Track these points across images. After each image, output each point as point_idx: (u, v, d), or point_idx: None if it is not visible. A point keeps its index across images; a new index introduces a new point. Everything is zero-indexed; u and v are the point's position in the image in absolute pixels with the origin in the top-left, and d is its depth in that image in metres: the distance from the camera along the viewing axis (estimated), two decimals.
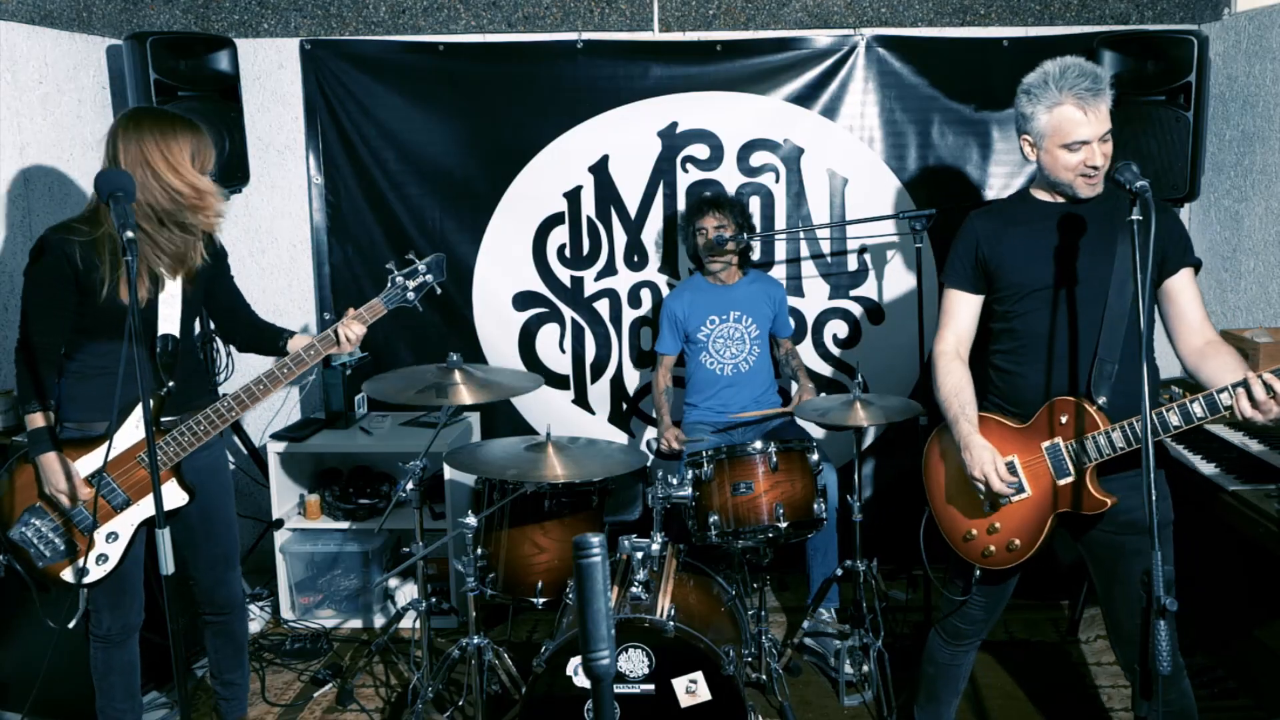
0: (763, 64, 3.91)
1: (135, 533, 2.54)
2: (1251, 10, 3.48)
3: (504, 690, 3.08)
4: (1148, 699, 1.86)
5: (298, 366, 2.56)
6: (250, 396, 2.53)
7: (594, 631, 1.35)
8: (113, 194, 2.17)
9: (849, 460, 3.99)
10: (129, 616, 2.65)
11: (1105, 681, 3.26)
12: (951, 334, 2.42)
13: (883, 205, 3.88)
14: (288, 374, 2.55)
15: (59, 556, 2.50)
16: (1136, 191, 1.94)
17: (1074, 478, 2.21)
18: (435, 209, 4.07)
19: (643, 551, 2.74)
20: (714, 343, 3.66)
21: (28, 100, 3.37)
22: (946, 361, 2.39)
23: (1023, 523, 2.30)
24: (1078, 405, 2.19)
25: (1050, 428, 2.25)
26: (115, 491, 2.51)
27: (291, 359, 2.56)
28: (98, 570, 2.51)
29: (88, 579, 2.51)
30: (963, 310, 2.41)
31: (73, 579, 2.51)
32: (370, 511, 3.85)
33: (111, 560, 2.51)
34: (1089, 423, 2.18)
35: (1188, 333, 2.20)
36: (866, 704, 3.17)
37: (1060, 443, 2.23)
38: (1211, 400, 2.02)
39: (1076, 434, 2.19)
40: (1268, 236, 3.40)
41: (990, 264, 2.34)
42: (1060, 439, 2.23)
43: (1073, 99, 2.14)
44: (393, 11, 4.05)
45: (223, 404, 2.52)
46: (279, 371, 2.54)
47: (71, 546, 2.51)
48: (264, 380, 2.53)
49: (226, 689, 2.92)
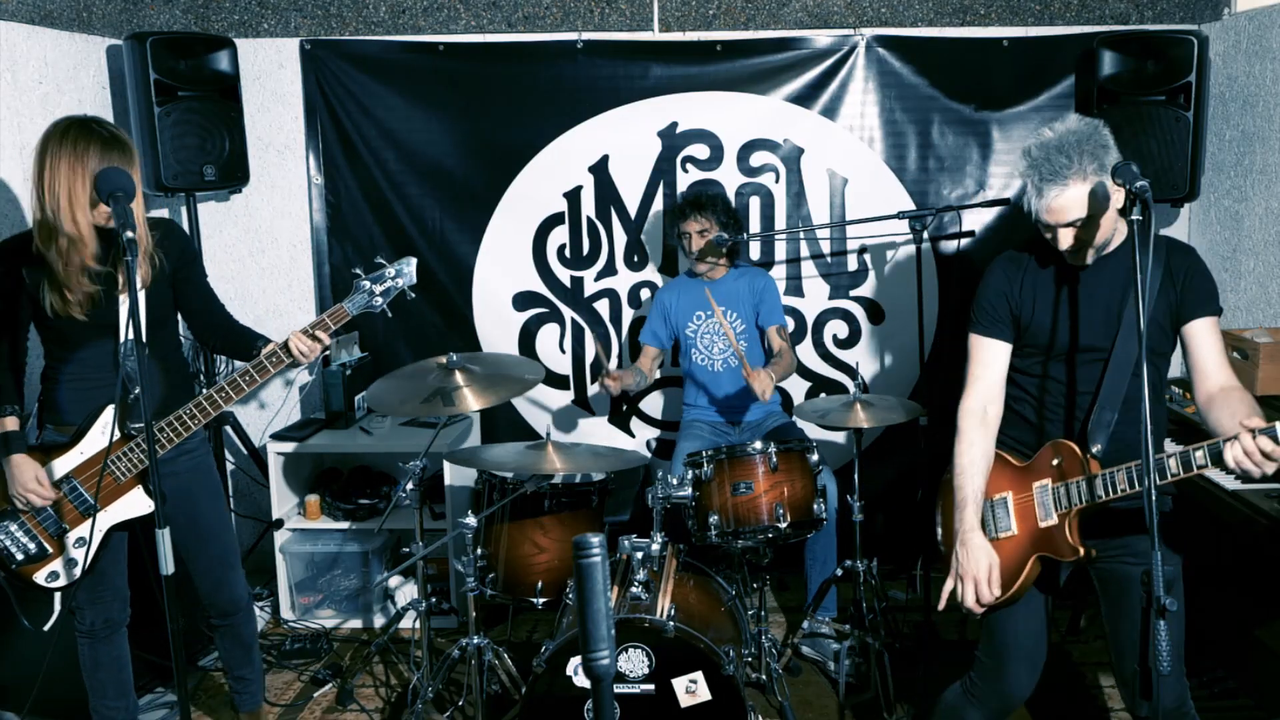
0: (763, 64, 3.91)
1: (106, 538, 2.54)
2: (1251, 10, 3.48)
3: (504, 690, 3.08)
4: (1148, 699, 1.85)
5: (260, 374, 2.52)
6: (212, 404, 2.51)
7: (594, 631, 1.35)
8: (112, 194, 2.17)
9: (849, 460, 3.99)
10: (111, 611, 2.66)
11: (1105, 681, 3.26)
12: (981, 391, 2.32)
13: (883, 205, 3.88)
14: (249, 382, 2.52)
15: (31, 560, 2.51)
16: (1136, 191, 1.94)
17: (1055, 522, 2.19)
18: (435, 209, 4.07)
19: (643, 551, 2.74)
20: (701, 339, 3.66)
21: (28, 100, 3.37)
22: (971, 427, 2.30)
23: (1006, 564, 2.27)
24: (1071, 450, 2.19)
25: (1044, 469, 2.24)
26: (82, 497, 2.51)
27: (254, 366, 2.52)
28: (66, 575, 2.53)
29: (57, 583, 2.53)
30: (995, 361, 2.32)
31: (44, 583, 2.52)
32: (370, 511, 3.85)
33: (78, 566, 2.52)
34: (1078, 469, 2.16)
35: (1201, 379, 2.17)
36: (866, 704, 3.17)
37: (1049, 484, 2.21)
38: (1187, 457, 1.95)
39: (1065, 479, 2.18)
40: (1268, 236, 3.40)
41: (1020, 317, 2.30)
42: (1050, 480, 2.21)
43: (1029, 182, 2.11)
44: (393, 11, 4.05)
45: (185, 411, 2.51)
46: (241, 380, 2.51)
47: (42, 550, 2.52)
48: (226, 389, 2.51)
49: (239, 683, 2.96)
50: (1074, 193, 2.07)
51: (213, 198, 4.12)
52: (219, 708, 3.26)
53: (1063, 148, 2.07)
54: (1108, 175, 2.06)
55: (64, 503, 2.51)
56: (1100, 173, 2.07)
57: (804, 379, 4.13)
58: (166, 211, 4.11)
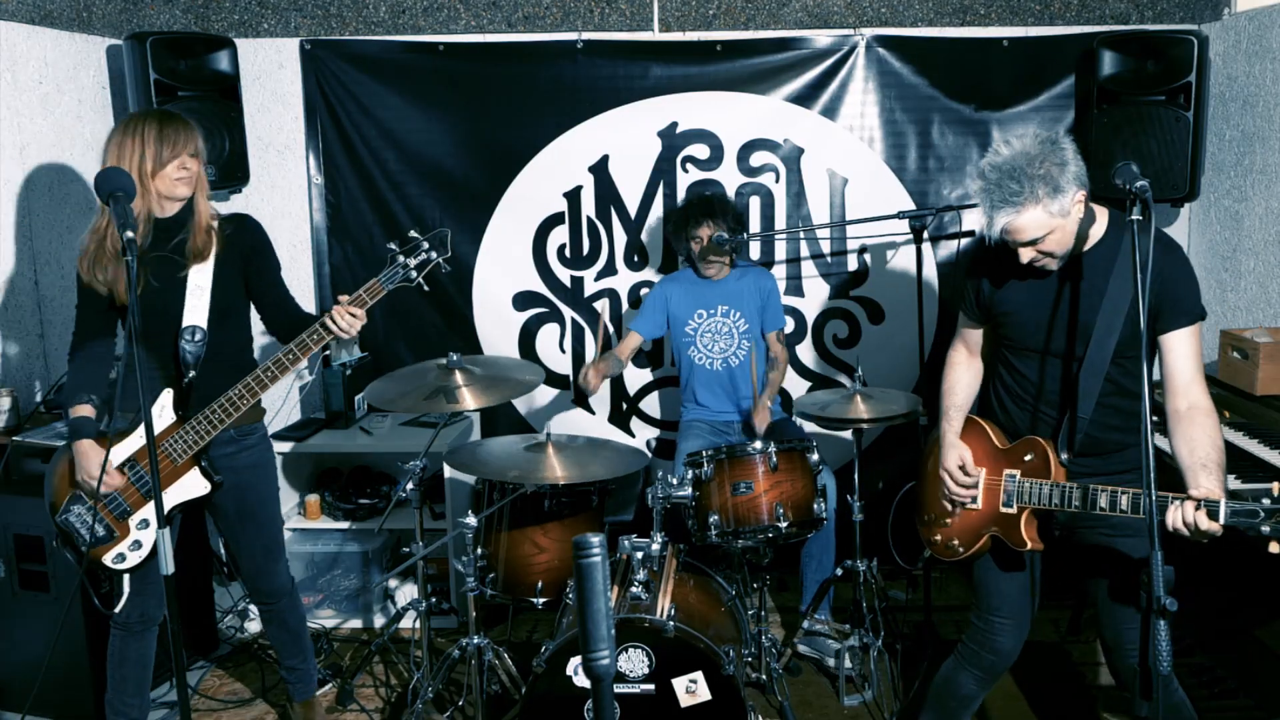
0: (763, 64, 3.91)
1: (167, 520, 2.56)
2: (1251, 10, 3.48)
3: (504, 690, 3.08)
4: (1147, 699, 1.86)
5: (302, 352, 2.56)
6: (259, 383, 2.56)
7: (594, 631, 1.35)
8: (112, 194, 2.18)
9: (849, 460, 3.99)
10: (147, 606, 2.70)
11: (1106, 681, 3.26)
12: (964, 345, 2.55)
13: (883, 205, 3.88)
14: (292, 360, 2.56)
15: (99, 541, 2.57)
16: (1136, 191, 1.94)
17: (1014, 512, 2.30)
18: (435, 209, 4.07)
19: (643, 551, 2.74)
20: (701, 337, 3.65)
21: (28, 100, 3.37)
22: (951, 365, 2.54)
23: (965, 529, 2.41)
24: (1045, 451, 2.27)
25: (1016, 460, 2.33)
26: (144, 479, 2.57)
27: (296, 344, 2.56)
28: (134, 556, 2.58)
29: (125, 564, 2.59)
30: (973, 335, 2.54)
31: (112, 565, 2.59)
32: (370, 511, 3.85)
33: (145, 546, 2.58)
34: (1046, 471, 2.25)
35: (1172, 393, 2.18)
36: (866, 704, 3.17)
37: (1018, 476, 2.30)
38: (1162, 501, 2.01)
39: (1032, 476, 2.27)
40: (1268, 236, 3.40)
41: (991, 310, 2.39)
42: (1019, 473, 2.30)
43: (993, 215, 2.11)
44: (393, 11, 4.05)
45: (234, 391, 2.55)
46: (284, 358, 2.56)
47: (110, 532, 2.58)
48: (271, 367, 2.56)
49: (290, 673, 3.01)
50: (1027, 217, 2.08)
51: (213, 198, 4.09)
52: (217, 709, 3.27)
53: (1013, 172, 2.06)
54: (1065, 194, 2.06)
55: (128, 485, 2.57)
56: (1054, 195, 2.06)
57: (804, 378, 4.13)
58: None
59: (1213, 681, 3.12)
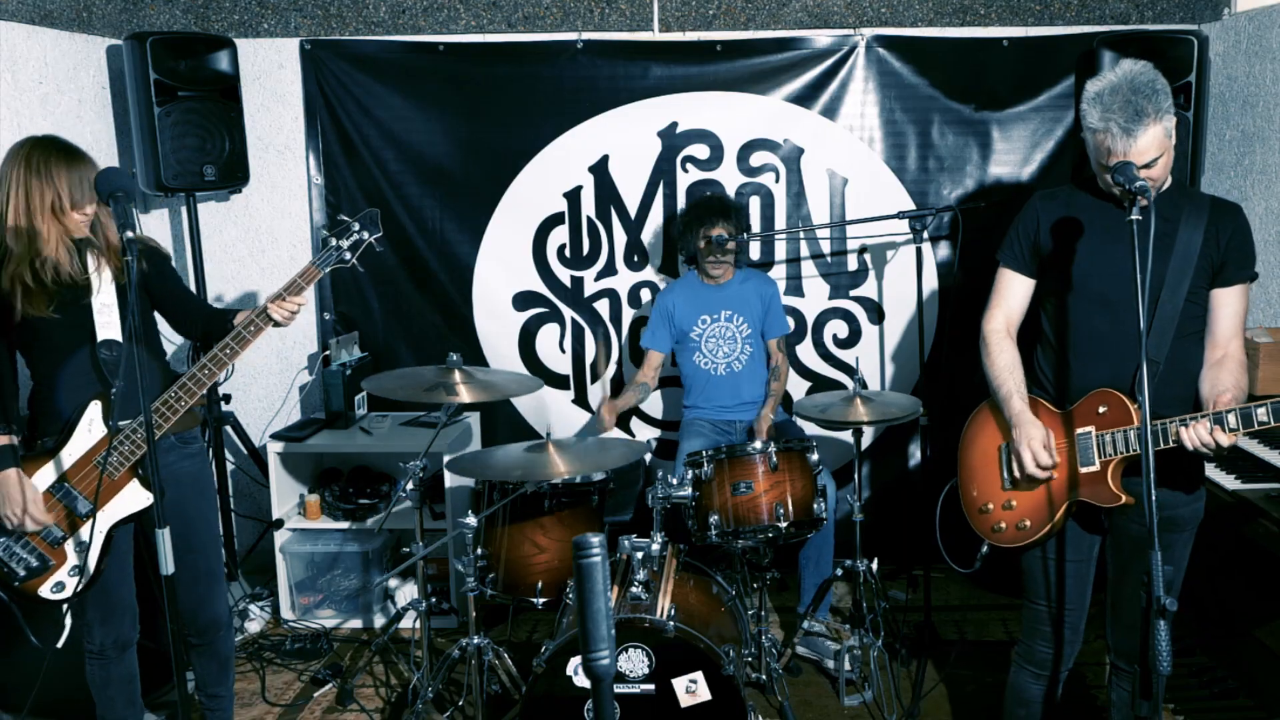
0: (763, 64, 3.91)
1: (108, 540, 2.46)
2: (1251, 10, 3.48)
3: (504, 690, 3.08)
4: (1147, 699, 1.86)
5: (240, 346, 2.46)
6: (196, 382, 2.45)
7: (594, 631, 1.35)
8: (112, 194, 2.16)
9: (849, 460, 3.99)
10: (121, 631, 2.59)
11: (1106, 681, 3.25)
12: (1002, 313, 2.42)
13: (883, 205, 3.88)
14: (229, 354, 2.46)
15: (33, 574, 2.42)
16: (1136, 191, 1.94)
17: (1097, 468, 2.23)
18: (435, 209, 4.07)
19: (643, 551, 2.74)
20: (706, 342, 3.65)
21: (28, 100, 3.37)
22: (998, 340, 2.40)
23: (1037, 505, 2.32)
24: (1118, 399, 2.21)
25: (1088, 416, 2.26)
26: (76, 499, 2.43)
27: (232, 338, 2.46)
28: (72, 583, 2.43)
29: (63, 594, 2.43)
30: (1015, 291, 2.41)
31: (50, 595, 2.42)
32: (370, 511, 3.85)
33: (88, 571, 2.43)
34: (1126, 419, 2.19)
35: (1212, 344, 2.25)
36: (866, 704, 3.17)
37: (1093, 432, 2.24)
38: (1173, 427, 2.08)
39: (1111, 427, 2.21)
40: (1268, 236, 3.40)
41: (1047, 254, 2.34)
42: (1094, 428, 2.24)
43: (1113, 126, 2.10)
44: (393, 11, 4.05)
45: (170, 393, 2.45)
46: (221, 354, 2.46)
47: (44, 562, 2.42)
48: (208, 364, 2.46)
49: (211, 700, 2.84)
50: (1151, 134, 2.10)
51: (213, 198, 4.11)
52: None
53: (1138, 89, 2.10)
54: (1173, 115, 2.13)
55: (58, 509, 2.42)
56: (1170, 113, 2.12)
57: (804, 379, 4.13)
58: (167, 211, 4.11)
59: (1213, 681, 3.12)
